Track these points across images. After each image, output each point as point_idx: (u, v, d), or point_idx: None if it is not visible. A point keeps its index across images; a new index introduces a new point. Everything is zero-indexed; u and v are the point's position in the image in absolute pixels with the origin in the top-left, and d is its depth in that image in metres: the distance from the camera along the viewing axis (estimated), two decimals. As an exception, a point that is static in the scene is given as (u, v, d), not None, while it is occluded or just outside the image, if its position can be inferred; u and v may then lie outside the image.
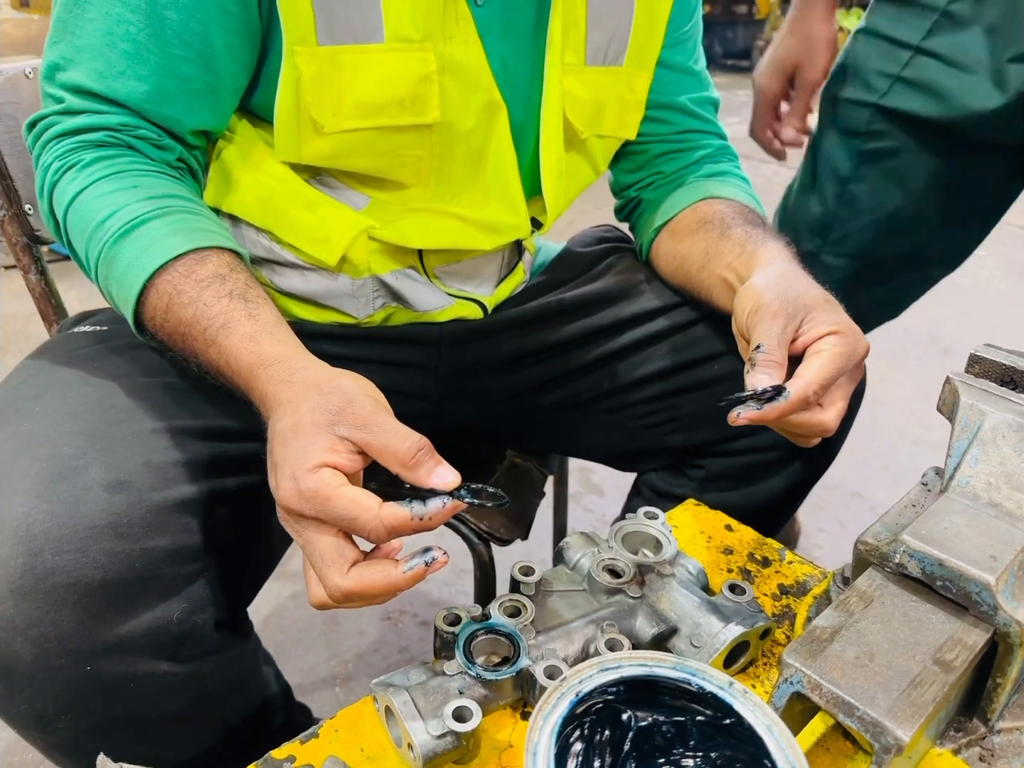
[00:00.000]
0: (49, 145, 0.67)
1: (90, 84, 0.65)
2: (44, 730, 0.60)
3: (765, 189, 4.43)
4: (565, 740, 0.43)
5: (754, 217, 0.83)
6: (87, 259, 0.65)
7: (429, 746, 0.52)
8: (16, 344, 2.25)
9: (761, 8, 6.79)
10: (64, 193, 0.66)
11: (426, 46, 0.69)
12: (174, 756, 0.67)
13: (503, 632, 0.58)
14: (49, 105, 0.68)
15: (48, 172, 0.67)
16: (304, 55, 0.66)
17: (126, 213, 0.63)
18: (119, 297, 0.64)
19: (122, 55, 0.65)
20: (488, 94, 0.74)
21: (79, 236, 0.65)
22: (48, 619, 0.54)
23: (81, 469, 0.57)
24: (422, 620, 1.44)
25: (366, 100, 0.69)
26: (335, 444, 0.51)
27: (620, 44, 0.80)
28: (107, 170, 0.65)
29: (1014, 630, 0.53)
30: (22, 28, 3.87)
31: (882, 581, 0.58)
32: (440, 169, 0.75)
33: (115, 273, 0.63)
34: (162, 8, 0.64)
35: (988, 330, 2.57)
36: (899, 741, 0.48)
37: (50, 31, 0.67)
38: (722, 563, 0.75)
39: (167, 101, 0.67)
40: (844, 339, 0.62)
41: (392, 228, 0.77)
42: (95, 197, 0.64)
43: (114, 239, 0.62)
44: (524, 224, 0.82)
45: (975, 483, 0.61)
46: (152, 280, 0.61)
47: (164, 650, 0.60)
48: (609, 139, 0.87)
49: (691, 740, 0.44)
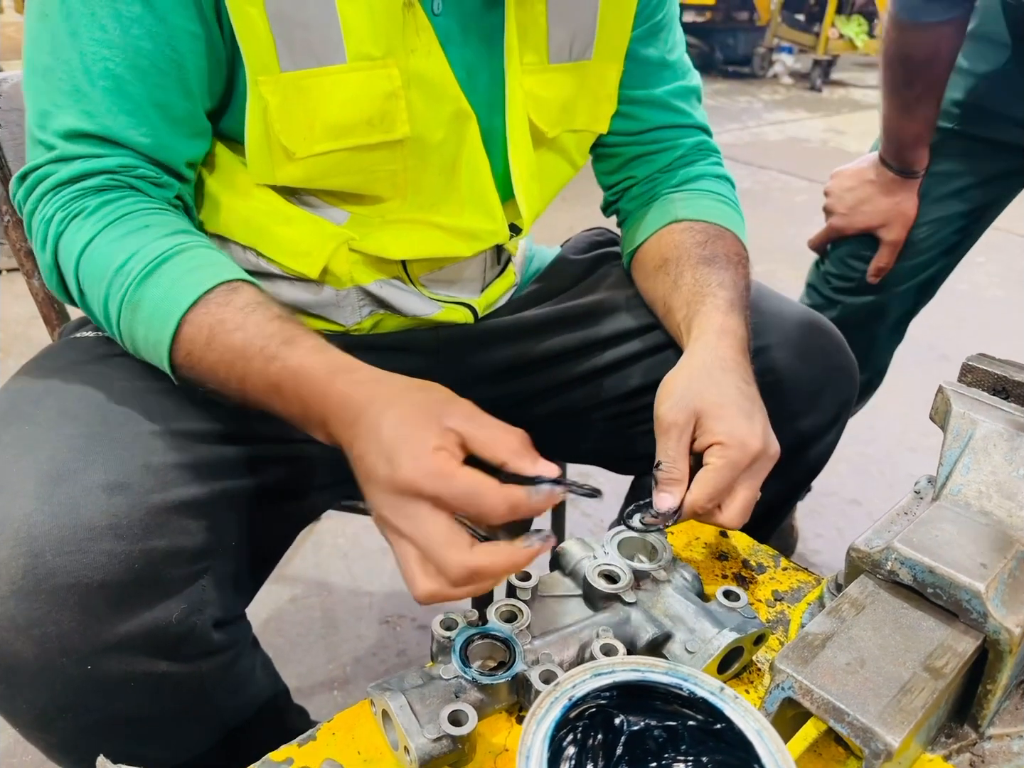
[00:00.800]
0: (47, 197, 0.66)
1: (81, 125, 0.65)
2: (45, 729, 0.61)
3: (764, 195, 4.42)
4: (558, 744, 0.44)
5: (712, 248, 0.83)
6: (105, 307, 0.65)
7: (425, 749, 0.52)
8: (17, 347, 2.26)
9: (762, 14, 6.81)
10: (73, 243, 0.65)
11: (389, 62, 0.69)
12: (172, 757, 0.67)
13: (499, 637, 0.59)
14: (40, 154, 0.67)
15: (50, 224, 0.66)
16: (268, 84, 0.67)
17: (145, 254, 0.63)
18: (147, 339, 0.63)
19: (103, 92, 0.64)
20: (456, 103, 0.74)
21: (95, 284, 0.65)
22: (49, 619, 0.55)
23: (81, 471, 0.58)
24: (420, 624, 1.44)
25: (334, 122, 0.69)
26: (445, 433, 0.54)
27: (586, 38, 0.80)
28: (115, 214, 0.65)
29: (1004, 637, 0.54)
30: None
31: (874, 588, 0.59)
32: (416, 181, 0.76)
33: (142, 315, 0.63)
34: (136, 39, 0.64)
35: (986, 337, 2.57)
36: (888, 747, 0.48)
37: (31, 78, 0.67)
38: (717, 569, 0.76)
39: (155, 132, 0.67)
40: (727, 451, 0.66)
41: (372, 240, 0.77)
42: (108, 242, 0.64)
43: (138, 281, 0.62)
44: (502, 229, 0.82)
45: (966, 491, 0.62)
46: (186, 316, 0.61)
47: (163, 650, 0.60)
48: (583, 133, 0.87)
49: (682, 744, 0.45)
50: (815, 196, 1.35)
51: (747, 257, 0.86)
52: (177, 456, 0.62)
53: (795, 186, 4.04)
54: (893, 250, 1.24)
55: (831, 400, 0.88)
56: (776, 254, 3.00)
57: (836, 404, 0.88)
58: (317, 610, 1.47)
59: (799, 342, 0.85)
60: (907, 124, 1.17)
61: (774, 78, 6.96)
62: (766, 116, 5.61)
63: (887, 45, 1.13)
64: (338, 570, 1.56)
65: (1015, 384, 0.65)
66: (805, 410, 0.86)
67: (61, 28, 0.64)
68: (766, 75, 6.94)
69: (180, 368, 0.64)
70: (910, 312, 1.36)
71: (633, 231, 0.91)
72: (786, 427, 0.85)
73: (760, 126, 5.30)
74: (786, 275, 2.75)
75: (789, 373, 0.83)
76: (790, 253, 2.84)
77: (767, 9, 6.70)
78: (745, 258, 0.85)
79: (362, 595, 1.50)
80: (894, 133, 1.19)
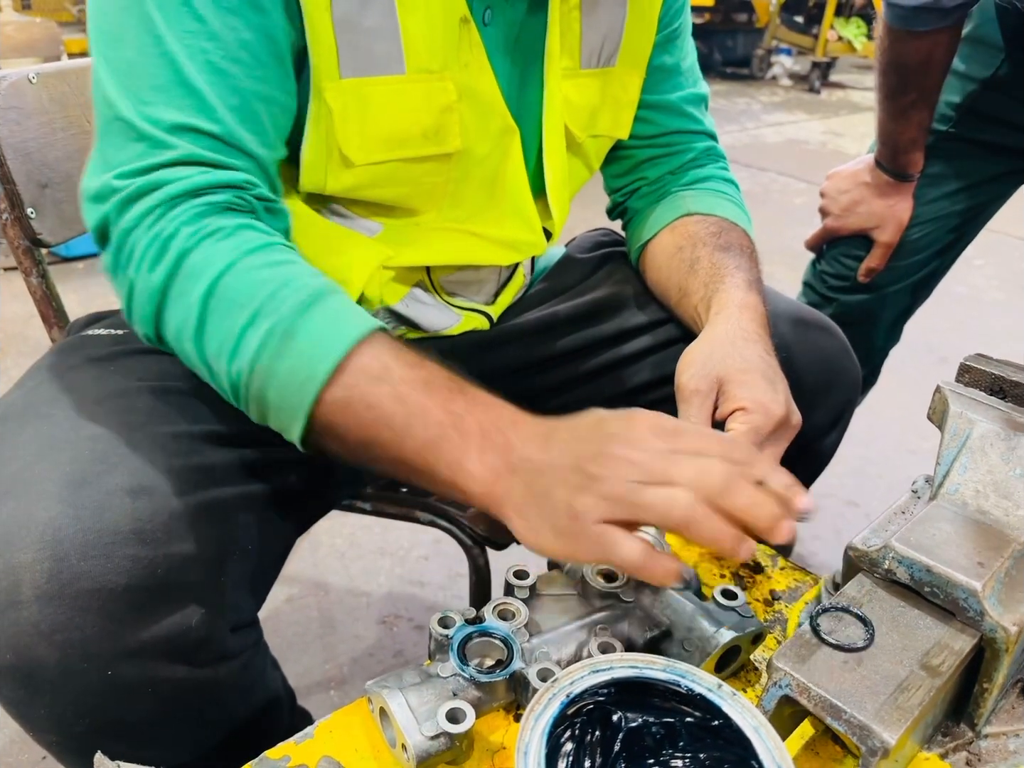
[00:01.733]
0: (160, 210, 0.58)
1: (195, 122, 0.58)
2: (61, 733, 0.60)
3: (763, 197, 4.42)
4: (556, 740, 0.44)
5: (726, 238, 0.84)
6: (240, 338, 0.57)
7: (423, 747, 0.52)
8: (15, 346, 2.26)
9: (761, 16, 6.82)
10: (208, 264, 0.57)
11: (445, 75, 0.69)
12: (178, 756, 0.67)
13: (497, 635, 0.59)
14: (148, 151, 0.58)
15: (172, 240, 0.58)
16: (332, 90, 0.66)
17: (300, 286, 0.58)
18: (295, 372, 0.56)
19: (211, 87, 0.59)
20: (503, 119, 0.75)
21: (232, 312, 0.57)
22: (72, 624, 0.54)
23: (104, 474, 0.57)
24: (417, 624, 1.44)
25: (392, 133, 0.69)
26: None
27: (613, 44, 0.81)
28: (255, 242, 0.59)
29: (1000, 636, 0.54)
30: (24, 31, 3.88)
31: (871, 587, 0.59)
32: (455, 193, 0.76)
33: (298, 344, 0.56)
34: (236, 32, 0.59)
35: (985, 340, 2.57)
36: (885, 744, 0.48)
37: (117, 77, 0.60)
38: (715, 568, 0.76)
39: (264, 133, 0.63)
40: (750, 416, 0.65)
41: (406, 251, 0.77)
42: (254, 269, 0.58)
43: (298, 310, 0.56)
44: (540, 241, 0.83)
45: (964, 491, 0.62)
46: (356, 347, 0.56)
47: (183, 655, 0.60)
48: (603, 138, 0.88)
49: (680, 741, 0.45)
50: (814, 198, 1.36)
51: (758, 253, 0.87)
52: (199, 459, 0.61)
53: (794, 188, 4.04)
54: (886, 252, 1.25)
55: (833, 400, 0.88)
56: (775, 256, 3.00)
57: (838, 404, 0.88)
58: (314, 610, 1.47)
59: (802, 342, 0.85)
60: (902, 129, 1.17)
61: (773, 80, 6.96)
62: (765, 118, 5.61)
63: (881, 52, 1.14)
64: (335, 570, 1.56)
65: (1012, 384, 0.65)
66: (807, 410, 0.86)
67: (153, 18, 0.58)
68: (765, 77, 6.95)
69: (325, 412, 0.56)
70: (906, 312, 1.37)
71: (642, 226, 0.91)
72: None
73: (759, 128, 5.30)
74: (784, 276, 2.75)
75: (791, 372, 0.83)
76: (788, 255, 2.84)
77: (766, 11, 6.70)
78: (756, 253, 0.86)
79: (359, 595, 1.50)
80: (889, 137, 1.19)
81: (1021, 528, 0.59)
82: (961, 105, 1.18)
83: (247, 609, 0.67)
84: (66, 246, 2.73)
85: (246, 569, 0.65)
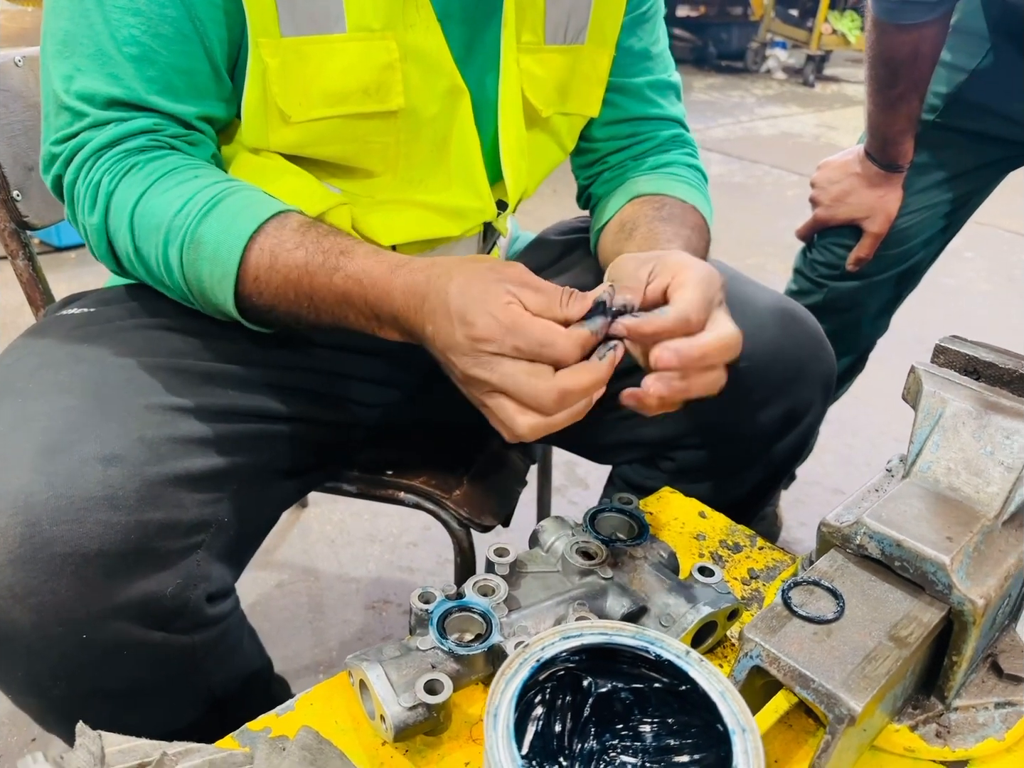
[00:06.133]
0: (89, 163, 0.68)
1: (111, 91, 0.66)
2: (38, 696, 0.62)
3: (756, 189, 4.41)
4: (527, 704, 0.45)
5: (668, 211, 0.83)
6: (164, 254, 0.66)
7: (400, 717, 0.53)
8: (6, 335, 2.25)
9: (756, 9, 6.82)
10: (125, 199, 0.67)
11: (387, 34, 0.71)
12: (160, 725, 0.68)
13: (476, 610, 0.60)
14: (70, 121, 0.68)
15: (99, 186, 0.67)
16: (268, 46, 0.68)
17: (201, 197, 0.65)
18: (212, 274, 0.65)
19: (129, 59, 0.66)
20: (450, 79, 0.75)
21: (151, 233, 0.66)
22: (46, 588, 0.55)
23: (76, 443, 0.58)
24: (405, 610, 1.45)
25: (331, 89, 0.70)
26: (509, 291, 0.58)
27: (580, 21, 0.82)
28: (164, 168, 0.67)
29: (968, 608, 0.55)
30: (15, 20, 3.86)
31: (843, 562, 0.60)
32: (408, 155, 0.77)
33: (205, 251, 0.65)
34: (161, 7, 0.65)
35: (973, 332, 2.55)
36: (852, 711, 0.49)
37: (53, 45, 0.68)
38: (694, 548, 0.77)
39: (181, 98, 0.69)
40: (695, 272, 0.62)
41: (363, 222, 0.78)
42: (162, 192, 0.66)
43: (197, 220, 0.64)
44: (489, 207, 0.83)
45: (936, 468, 0.63)
46: (249, 243, 0.64)
47: (158, 621, 0.61)
48: (575, 116, 0.88)
49: (649, 706, 0.46)
50: (806, 190, 1.37)
51: (708, 231, 0.85)
52: (171, 430, 0.63)
53: (787, 180, 4.05)
54: (874, 242, 1.26)
55: (808, 385, 0.88)
56: (767, 247, 3.01)
57: (813, 389, 0.89)
58: (304, 595, 1.47)
59: (774, 328, 0.86)
60: (891, 120, 1.18)
61: (767, 73, 6.96)
62: (759, 111, 5.62)
63: (869, 45, 1.15)
64: (325, 556, 1.57)
65: (986, 364, 0.66)
66: (782, 396, 0.86)
67: None
68: (759, 70, 6.95)
69: (248, 298, 0.66)
70: (894, 300, 1.38)
71: (600, 213, 0.92)
72: (763, 412, 0.86)
73: (753, 121, 5.31)
74: (776, 268, 2.76)
75: (765, 359, 0.84)
76: (781, 247, 2.85)
77: (761, 4, 6.71)
78: (706, 230, 0.85)
79: (349, 581, 1.51)
80: (878, 129, 1.20)
81: (991, 505, 0.60)
82: (947, 94, 1.19)
83: (224, 579, 0.68)
84: (58, 236, 2.73)
85: (223, 541, 0.66)
